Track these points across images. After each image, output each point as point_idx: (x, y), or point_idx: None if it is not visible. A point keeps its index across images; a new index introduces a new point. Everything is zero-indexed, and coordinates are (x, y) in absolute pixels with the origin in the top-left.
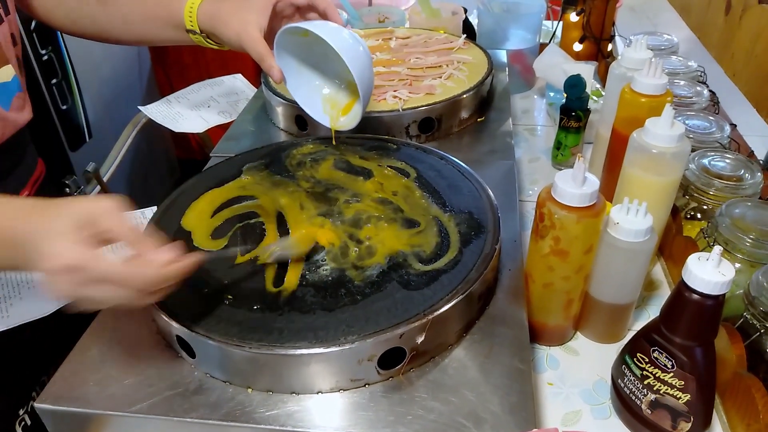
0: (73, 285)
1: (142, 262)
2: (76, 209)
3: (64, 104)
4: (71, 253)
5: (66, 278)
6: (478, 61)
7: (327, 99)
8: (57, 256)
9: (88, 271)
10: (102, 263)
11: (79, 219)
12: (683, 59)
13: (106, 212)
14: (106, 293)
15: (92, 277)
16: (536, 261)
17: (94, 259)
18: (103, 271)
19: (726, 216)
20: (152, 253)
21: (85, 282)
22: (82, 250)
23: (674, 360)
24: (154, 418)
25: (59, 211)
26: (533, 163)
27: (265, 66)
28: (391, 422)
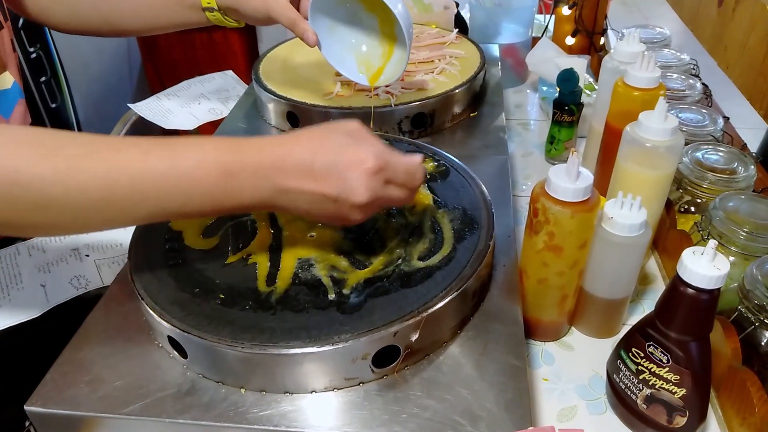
0: (378, 184)
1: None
2: (340, 128)
3: (54, 102)
4: (376, 155)
5: (374, 179)
6: (470, 56)
7: (361, 58)
8: (364, 160)
9: (389, 170)
10: (396, 159)
11: (348, 133)
12: (676, 52)
13: (360, 129)
14: (395, 192)
15: (390, 177)
16: (530, 257)
17: (393, 157)
18: (398, 169)
19: (720, 209)
20: (410, 158)
21: (386, 181)
22: (383, 152)
23: (669, 354)
24: (146, 420)
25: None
26: (526, 157)
27: (299, 31)
28: (386, 421)
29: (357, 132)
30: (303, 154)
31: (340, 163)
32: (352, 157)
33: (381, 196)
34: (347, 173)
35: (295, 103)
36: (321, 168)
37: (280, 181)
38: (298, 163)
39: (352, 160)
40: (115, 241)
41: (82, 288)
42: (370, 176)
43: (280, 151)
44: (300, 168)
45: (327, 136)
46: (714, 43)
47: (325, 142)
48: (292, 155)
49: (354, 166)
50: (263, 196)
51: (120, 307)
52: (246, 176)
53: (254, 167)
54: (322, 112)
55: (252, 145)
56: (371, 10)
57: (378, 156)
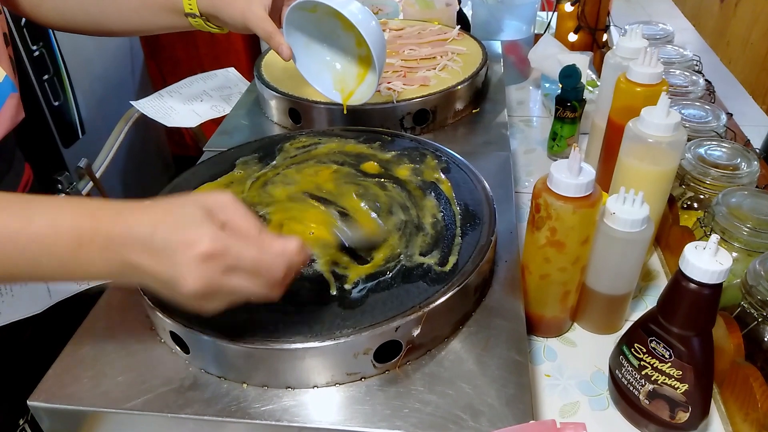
0: (214, 273)
1: (275, 250)
2: (199, 200)
3: (56, 101)
4: (212, 237)
5: (207, 266)
6: (472, 53)
7: (336, 75)
8: (197, 242)
9: (229, 257)
10: (242, 247)
11: (205, 208)
12: (679, 48)
13: (228, 204)
14: (241, 283)
15: (231, 265)
16: (532, 252)
17: (235, 244)
18: (244, 256)
19: (723, 205)
20: (279, 243)
21: (224, 270)
22: (221, 235)
23: (672, 350)
24: (149, 415)
25: (181, 203)
26: (529, 154)
27: (274, 44)
28: (388, 416)
29: (217, 207)
30: (145, 228)
31: (173, 242)
32: (187, 237)
33: (217, 288)
34: (176, 256)
35: (297, 99)
36: (157, 245)
37: (125, 256)
38: (139, 237)
39: (185, 240)
40: None
41: (85, 284)
42: (200, 262)
43: (130, 221)
44: (141, 243)
45: (177, 209)
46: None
47: (170, 215)
48: (137, 228)
49: (184, 247)
50: (112, 270)
51: (122, 303)
52: (96, 247)
53: (105, 239)
54: (324, 109)
55: (109, 212)
56: (348, 29)
57: (216, 239)
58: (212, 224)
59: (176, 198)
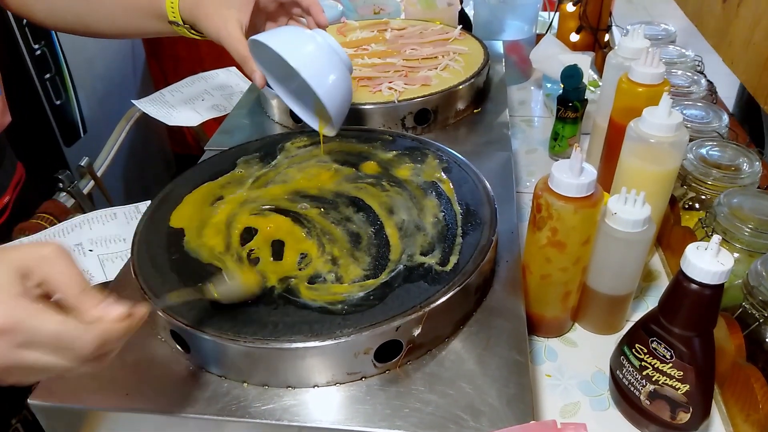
0: (6, 351)
1: (88, 319)
2: (10, 257)
3: (58, 99)
4: (5, 310)
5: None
6: (474, 52)
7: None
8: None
9: (21, 333)
10: (40, 321)
11: (15, 268)
12: (681, 49)
13: (46, 259)
14: (40, 359)
15: (24, 341)
16: (534, 252)
17: (30, 316)
18: (40, 330)
19: (724, 206)
20: (97, 309)
21: (17, 345)
22: (14, 306)
23: (673, 350)
24: (149, 414)
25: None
26: (530, 154)
27: (247, 70)
28: (388, 415)
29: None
30: None
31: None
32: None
33: (14, 363)
34: None
35: None
36: None
37: None
38: None
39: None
40: (119, 236)
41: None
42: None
43: None
44: None
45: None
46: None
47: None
48: None
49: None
50: None
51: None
52: None
53: None
54: None
55: None
56: None
57: (8, 313)
58: (10, 290)
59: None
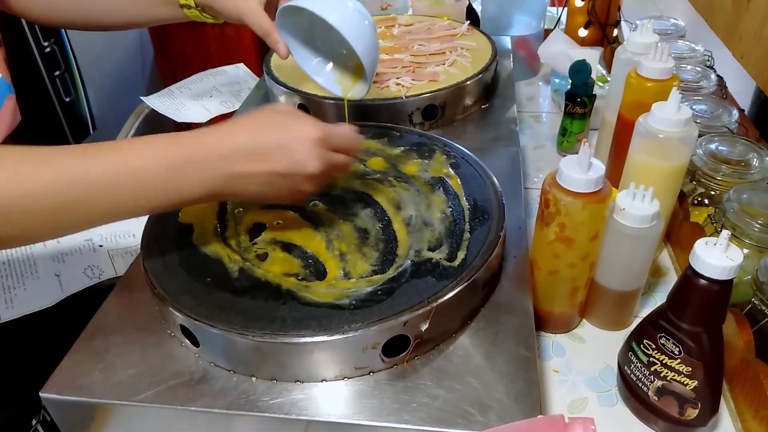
0: (326, 153)
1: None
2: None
3: (68, 96)
4: (315, 126)
5: (321, 149)
6: (482, 48)
7: (336, 68)
8: (307, 132)
9: (332, 138)
10: (336, 129)
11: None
12: (690, 44)
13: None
14: (339, 158)
15: (332, 145)
16: (541, 248)
17: (330, 128)
18: (339, 134)
19: (734, 201)
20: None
21: (330, 148)
22: (318, 124)
23: (681, 346)
24: (159, 407)
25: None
26: (538, 150)
27: (270, 42)
28: (396, 410)
29: (290, 111)
30: (245, 137)
31: (285, 139)
32: (297, 131)
33: (330, 164)
34: (295, 147)
35: (306, 95)
36: (267, 147)
37: (227, 168)
38: (241, 147)
39: (297, 134)
40: (128, 232)
41: (96, 278)
42: (316, 147)
43: (219, 139)
44: (244, 151)
45: (264, 118)
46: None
47: (263, 123)
48: (233, 141)
49: (300, 139)
50: (214, 185)
51: (133, 296)
52: (193, 169)
53: (199, 159)
54: (333, 105)
55: (193, 137)
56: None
57: (319, 127)
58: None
59: (249, 114)
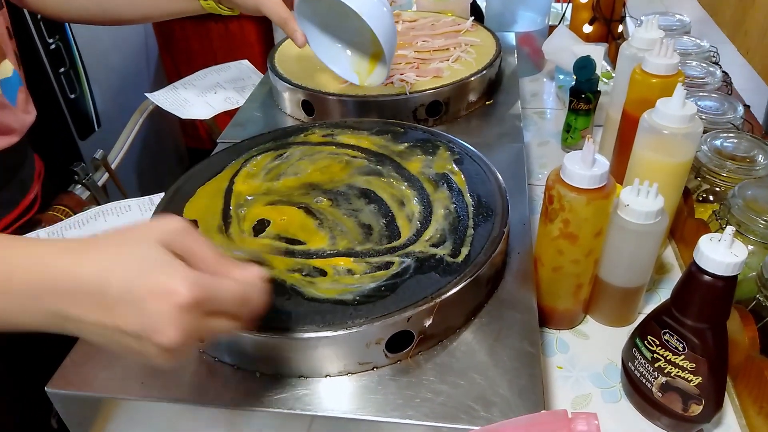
0: (195, 320)
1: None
2: (151, 235)
3: (73, 93)
4: (190, 282)
5: (189, 315)
6: (486, 44)
7: (353, 56)
8: (173, 290)
9: (213, 301)
10: (221, 286)
11: (162, 242)
12: (696, 39)
13: (179, 232)
14: (219, 324)
15: (211, 309)
16: (545, 244)
17: (213, 284)
18: (226, 295)
19: (739, 198)
20: (240, 271)
21: (206, 314)
22: (196, 276)
23: (685, 342)
24: (164, 403)
25: (131, 241)
26: (542, 146)
27: (288, 30)
28: (400, 405)
29: (171, 238)
30: (91, 275)
31: (139, 292)
32: (157, 284)
33: (199, 332)
34: (149, 306)
35: (310, 91)
36: (113, 295)
37: (60, 308)
38: (83, 287)
39: (157, 289)
40: None
41: None
42: (181, 312)
43: (63, 267)
44: (85, 293)
45: (130, 248)
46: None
47: (124, 258)
48: (77, 275)
49: (159, 297)
50: (43, 321)
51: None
52: (14, 297)
53: (28, 288)
54: (337, 101)
55: (26, 256)
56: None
57: (194, 284)
58: (180, 264)
59: (118, 235)
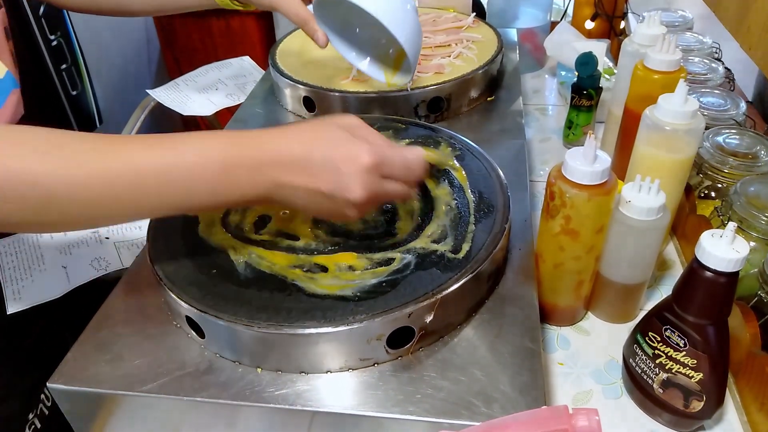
0: (375, 180)
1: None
2: (336, 122)
3: (74, 90)
4: (369, 150)
5: (370, 176)
6: (487, 40)
7: (378, 54)
8: (358, 156)
9: (386, 166)
10: (393, 154)
11: (345, 128)
12: (698, 35)
13: (359, 124)
14: (392, 187)
15: (387, 172)
16: (547, 241)
17: (388, 152)
18: (396, 163)
19: (741, 194)
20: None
21: (383, 176)
22: (375, 147)
23: (687, 339)
24: (165, 398)
25: (321, 127)
26: (544, 143)
27: (308, 30)
28: (401, 401)
29: (354, 126)
30: (298, 148)
31: (334, 159)
32: (347, 152)
33: (378, 192)
34: (342, 169)
35: (311, 87)
36: (316, 163)
37: (276, 177)
38: (294, 158)
39: (347, 155)
40: (135, 224)
41: (103, 270)
42: (365, 173)
43: (277, 145)
44: (295, 163)
45: (323, 130)
46: (736, 24)
47: (320, 137)
48: (289, 150)
49: (349, 162)
50: (261, 190)
51: (139, 288)
52: (244, 171)
53: (253, 163)
54: (339, 97)
55: (252, 139)
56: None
57: (374, 152)
58: (367, 139)
59: (310, 123)
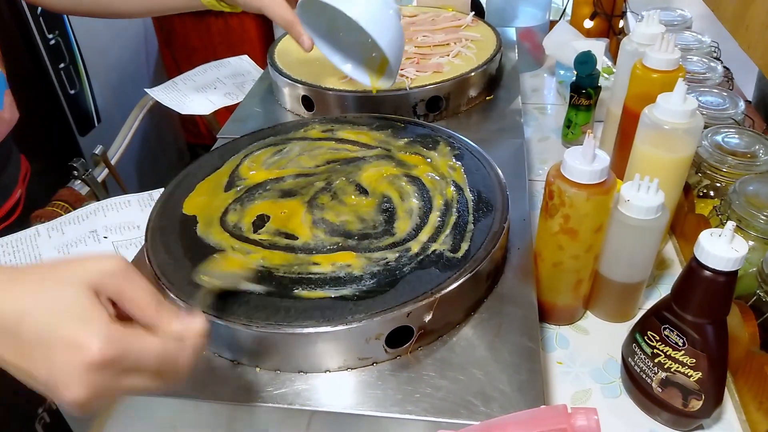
0: (106, 380)
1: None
2: (82, 274)
3: (72, 89)
4: (103, 340)
5: (97, 375)
6: (486, 39)
7: (363, 57)
8: (83, 346)
9: (127, 361)
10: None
11: (90, 285)
12: (697, 35)
13: (114, 273)
14: (139, 383)
15: (129, 368)
16: (546, 240)
17: (131, 342)
18: (145, 356)
19: (740, 193)
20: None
21: (120, 374)
22: (114, 332)
23: (685, 338)
24: (163, 398)
25: (59, 280)
26: (543, 142)
27: (294, 33)
28: (399, 400)
29: (105, 278)
30: (10, 313)
31: (50, 343)
32: (69, 338)
33: (109, 391)
34: (57, 358)
35: (310, 86)
36: (26, 340)
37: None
38: (2, 324)
39: (68, 343)
40: (133, 223)
41: None
42: (90, 370)
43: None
44: (4, 330)
45: (51, 290)
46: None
47: (43, 300)
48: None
49: (68, 352)
50: None
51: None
52: None
53: None
54: (337, 96)
55: None
56: None
57: (108, 340)
58: (101, 314)
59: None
